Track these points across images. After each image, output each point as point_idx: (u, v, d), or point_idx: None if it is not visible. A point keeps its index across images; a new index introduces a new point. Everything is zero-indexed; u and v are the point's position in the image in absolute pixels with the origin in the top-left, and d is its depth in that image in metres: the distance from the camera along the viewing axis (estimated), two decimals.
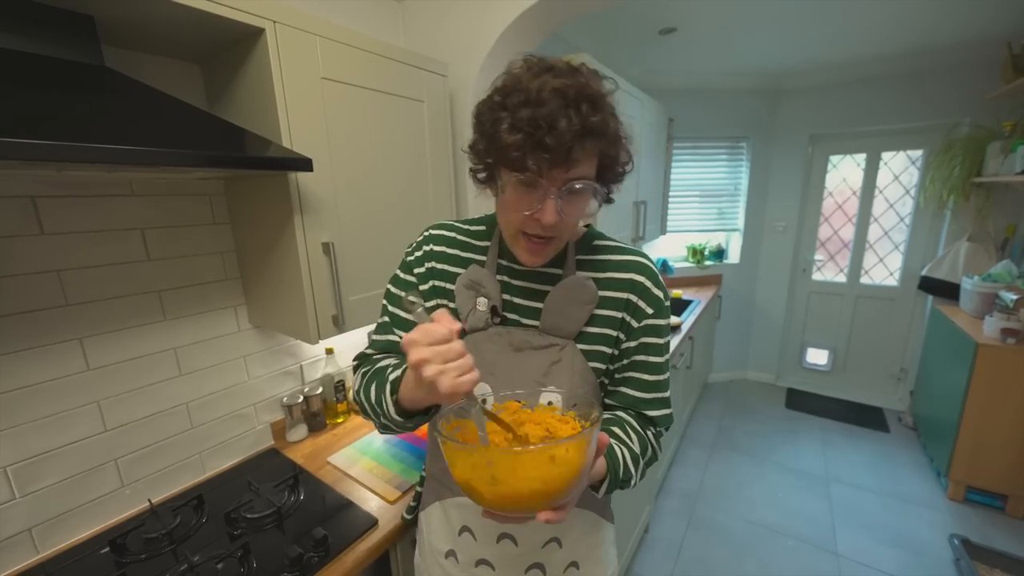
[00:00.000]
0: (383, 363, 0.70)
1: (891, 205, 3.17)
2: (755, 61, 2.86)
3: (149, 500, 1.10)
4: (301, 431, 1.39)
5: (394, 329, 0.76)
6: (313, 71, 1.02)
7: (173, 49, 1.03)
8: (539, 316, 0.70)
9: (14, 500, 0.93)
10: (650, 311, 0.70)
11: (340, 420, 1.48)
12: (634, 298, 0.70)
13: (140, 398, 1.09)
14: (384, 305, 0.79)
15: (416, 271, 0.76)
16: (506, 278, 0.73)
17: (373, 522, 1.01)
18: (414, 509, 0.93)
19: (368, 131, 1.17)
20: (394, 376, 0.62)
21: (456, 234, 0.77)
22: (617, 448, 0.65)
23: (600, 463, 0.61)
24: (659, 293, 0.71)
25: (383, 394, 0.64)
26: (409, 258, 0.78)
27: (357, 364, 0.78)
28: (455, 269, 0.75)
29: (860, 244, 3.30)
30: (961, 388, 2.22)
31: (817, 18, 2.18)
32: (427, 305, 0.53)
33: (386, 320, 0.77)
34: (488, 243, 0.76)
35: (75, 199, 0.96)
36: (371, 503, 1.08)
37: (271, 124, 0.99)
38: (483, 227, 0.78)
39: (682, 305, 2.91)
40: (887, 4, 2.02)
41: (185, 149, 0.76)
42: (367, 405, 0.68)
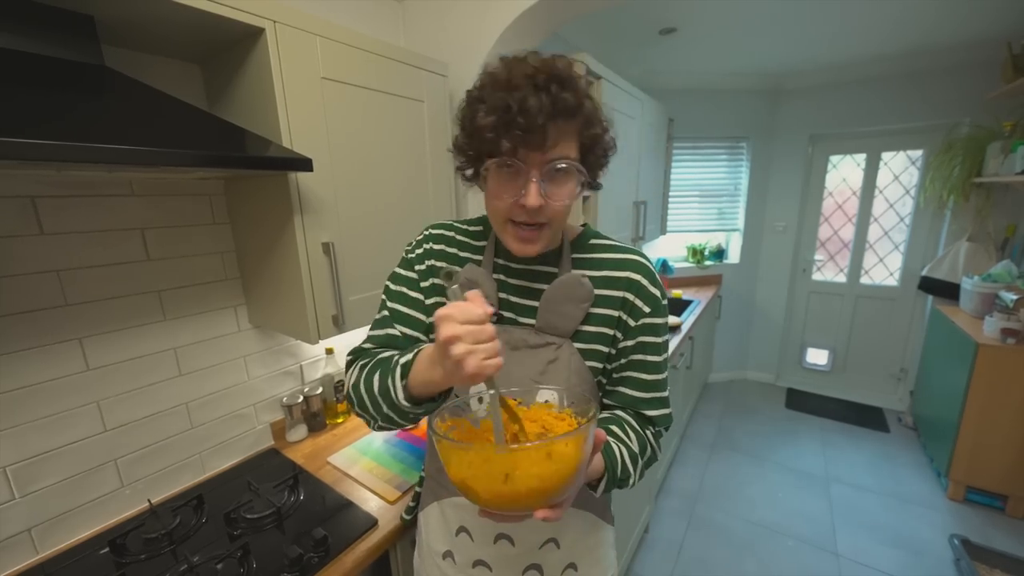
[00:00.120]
0: (386, 354, 0.69)
1: (891, 205, 3.17)
2: (755, 61, 2.86)
3: (149, 500, 1.10)
4: (301, 431, 1.39)
5: (395, 324, 0.75)
6: (313, 71, 1.02)
7: (173, 49, 1.03)
8: (535, 315, 0.70)
9: (14, 500, 0.93)
10: (647, 310, 0.70)
11: (340, 420, 1.48)
12: (631, 297, 0.70)
13: (140, 398, 1.09)
14: (383, 300, 0.78)
15: (416, 268, 0.76)
16: (502, 276, 0.73)
17: (373, 522, 1.01)
18: (413, 510, 0.93)
19: (368, 131, 1.17)
20: (405, 360, 0.60)
21: (455, 233, 0.78)
22: (615, 446, 0.65)
23: (597, 461, 0.61)
24: (656, 292, 0.71)
25: (389, 379, 0.61)
26: (410, 255, 0.78)
27: (352, 359, 0.76)
28: (455, 268, 0.75)
29: (860, 244, 3.30)
30: (961, 388, 2.22)
31: (817, 18, 2.18)
32: (460, 283, 0.54)
33: (385, 315, 0.77)
34: (485, 243, 0.76)
35: (75, 199, 0.96)
36: (371, 503, 1.08)
37: (271, 124, 0.99)
38: (480, 227, 0.78)
39: (682, 305, 2.90)
40: (887, 4, 2.02)
41: (185, 149, 0.76)
42: (367, 396, 0.65)
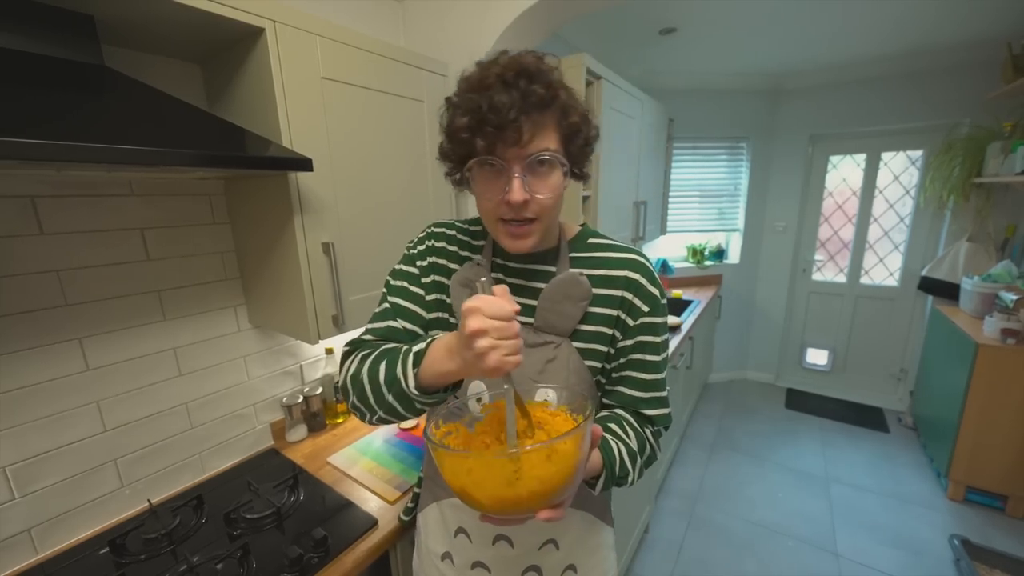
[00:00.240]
0: (391, 345, 0.68)
1: (891, 205, 3.17)
2: (755, 61, 2.86)
3: (149, 500, 1.10)
4: (301, 431, 1.39)
5: (396, 317, 0.74)
6: (313, 71, 1.02)
7: (173, 49, 1.03)
8: (533, 313, 0.70)
9: (13, 500, 0.93)
10: (646, 309, 0.70)
11: (340, 420, 1.48)
12: (629, 296, 0.70)
13: (140, 398, 1.09)
14: (384, 294, 0.78)
15: (419, 264, 0.76)
16: (500, 275, 0.73)
17: (373, 522, 1.01)
18: (411, 511, 0.93)
19: (368, 131, 1.17)
20: (418, 348, 0.59)
21: (456, 232, 0.78)
22: (613, 443, 0.65)
23: (596, 458, 0.61)
24: (655, 291, 0.71)
25: (399, 368, 0.59)
26: (412, 251, 0.78)
27: (350, 349, 0.73)
28: (453, 266, 0.75)
29: (860, 244, 3.30)
30: (961, 388, 2.22)
31: (817, 18, 2.18)
32: (488, 277, 0.55)
33: (386, 307, 0.75)
34: (483, 242, 0.76)
35: (75, 199, 0.96)
36: (371, 503, 1.08)
37: (271, 124, 0.99)
38: (479, 227, 0.78)
39: (682, 305, 2.90)
40: (887, 4, 2.02)
41: (185, 149, 0.76)
42: (369, 386, 0.63)
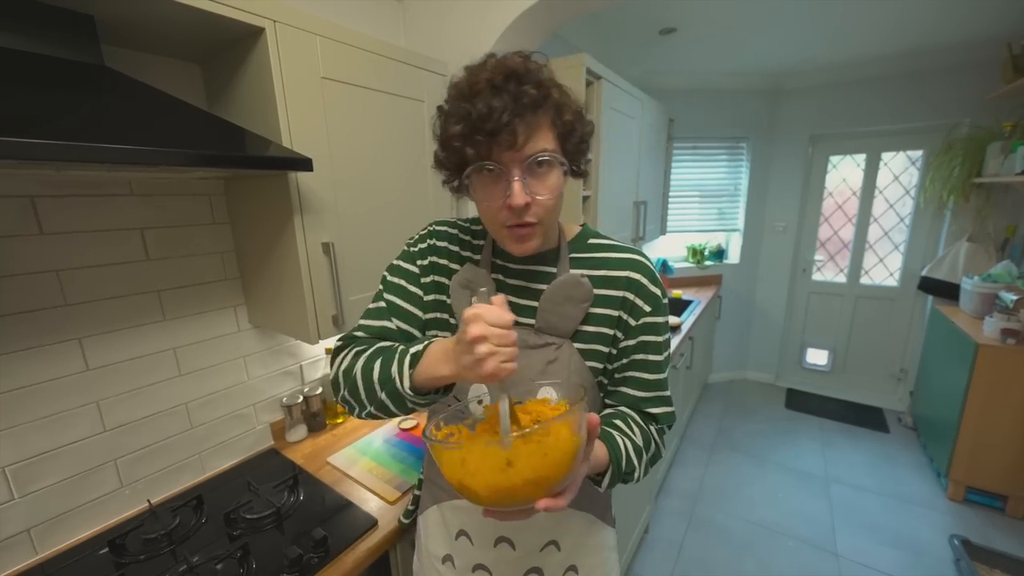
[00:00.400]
0: (386, 344, 0.68)
1: (891, 205, 3.17)
2: (755, 61, 2.86)
3: (148, 500, 1.10)
4: (301, 431, 1.39)
5: (391, 317, 0.74)
6: (313, 71, 1.02)
7: (173, 49, 1.03)
8: (534, 315, 0.70)
9: (13, 500, 0.93)
10: (648, 309, 0.70)
11: (340, 420, 1.47)
12: (631, 296, 0.69)
13: (139, 398, 1.09)
14: (379, 291, 0.76)
15: (419, 262, 0.75)
16: (500, 277, 0.73)
17: (373, 523, 1.01)
18: (411, 513, 0.92)
19: (368, 131, 1.17)
20: (415, 350, 0.60)
21: (457, 231, 0.77)
22: (619, 439, 0.64)
23: (602, 455, 0.61)
24: (656, 291, 0.70)
25: (394, 368, 0.60)
26: (412, 248, 0.77)
27: (342, 344, 0.74)
28: (454, 266, 0.75)
29: (860, 244, 3.30)
30: (961, 388, 2.22)
31: (817, 18, 2.18)
32: (483, 289, 0.56)
33: (382, 306, 0.75)
34: (483, 242, 0.75)
35: (74, 199, 0.96)
36: (371, 504, 1.08)
37: (271, 124, 0.98)
38: (480, 226, 0.77)
39: (682, 305, 2.90)
40: (887, 4, 2.02)
41: (185, 149, 0.76)
42: (362, 382, 0.64)
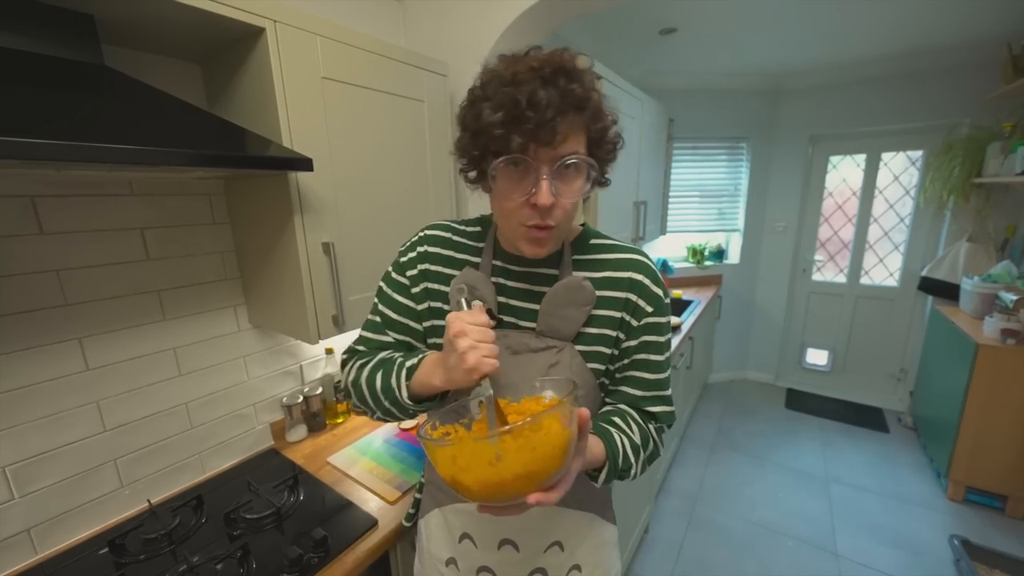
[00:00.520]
0: (386, 354, 0.71)
1: (891, 205, 3.17)
2: (755, 61, 2.86)
3: (148, 500, 1.10)
4: (301, 431, 1.39)
5: (387, 330, 0.75)
6: (313, 71, 1.02)
7: (173, 48, 1.03)
8: (536, 318, 0.69)
9: (13, 500, 0.93)
10: (650, 309, 0.69)
11: (340, 420, 1.47)
12: (633, 297, 0.69)
13: (139, 398, 1.09)
14: (375, 303, 0.77)
15: (409, 273, 0.74)
16: (501, 280, 0.72)
17: (373, 523, 1.01)
18: (413, 516, 0.92)
19: (368, 131, 1.17)
20: (411, 363, 0.64)
21: (452, 235, 0.75)
22: (616, 436, 0.64)
23: (598, 450, 0.61)
24: (658, 291, 0.70)
25: (393, 379, 0.65)
26: (403, 259, 0.76)
27: (347, 357, 0.78)
28: (449, 271, 0.73)
29: (860, 244, 3.30)
30: (961, 389, 2.22)
31: (817, 18, 2.18)
32: (467, 296, 0.59)
33: (377, 320, 0.76)
34: (483, 244, 0.74)
35: (74, 199, 0.96)
36: (371, 504, 1.08)
37: (271, 124, 0.98)
38: (478, 228, 0.76)
39: (682, 305, 2.90)
40: (887, 4, 2.02)
41: (185, 149, 0.76)
42: (368, 392, 0.69)
